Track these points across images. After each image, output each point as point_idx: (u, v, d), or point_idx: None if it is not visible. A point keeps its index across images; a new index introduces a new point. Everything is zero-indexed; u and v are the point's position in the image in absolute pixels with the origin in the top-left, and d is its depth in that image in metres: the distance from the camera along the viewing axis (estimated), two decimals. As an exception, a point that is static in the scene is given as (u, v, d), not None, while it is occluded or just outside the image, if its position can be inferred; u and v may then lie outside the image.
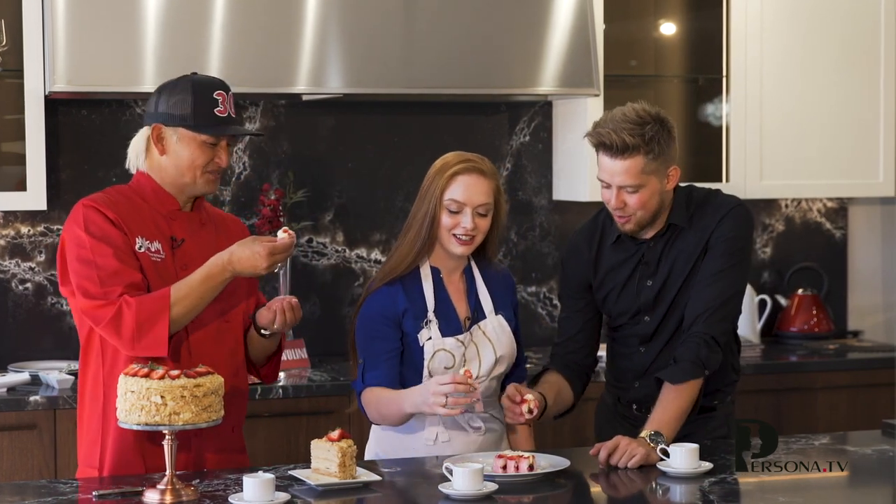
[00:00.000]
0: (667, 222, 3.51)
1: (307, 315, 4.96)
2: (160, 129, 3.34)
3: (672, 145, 3.43)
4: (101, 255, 3.24)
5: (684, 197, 3.53)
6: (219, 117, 3.34)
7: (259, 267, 3.23)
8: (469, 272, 3.53)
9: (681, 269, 3.50)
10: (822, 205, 5.59)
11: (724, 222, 3.48)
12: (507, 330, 3.52)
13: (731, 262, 3.46)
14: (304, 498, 3.01)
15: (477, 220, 3.41)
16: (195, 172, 3.34)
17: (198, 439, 3.33)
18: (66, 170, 4.74)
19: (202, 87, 3.34)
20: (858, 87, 5.27)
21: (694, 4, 5.31)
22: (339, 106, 4.98)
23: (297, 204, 4.91)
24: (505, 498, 3.03)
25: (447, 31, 4.67)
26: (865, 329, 5.61)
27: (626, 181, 3.39)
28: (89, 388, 3.34)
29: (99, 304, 3.22)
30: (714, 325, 3.43)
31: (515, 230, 5.22)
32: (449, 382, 3.21)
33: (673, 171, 3.45)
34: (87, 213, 3.30)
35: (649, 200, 3.43)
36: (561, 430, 4.61)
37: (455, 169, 3.42)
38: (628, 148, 3.36)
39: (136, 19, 4.38)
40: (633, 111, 3.40)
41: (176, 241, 3.36)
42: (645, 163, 3.38)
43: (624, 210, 3.44)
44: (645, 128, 3.37)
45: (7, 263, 4.71)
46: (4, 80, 4.56)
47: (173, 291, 3.22)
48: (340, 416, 4.38)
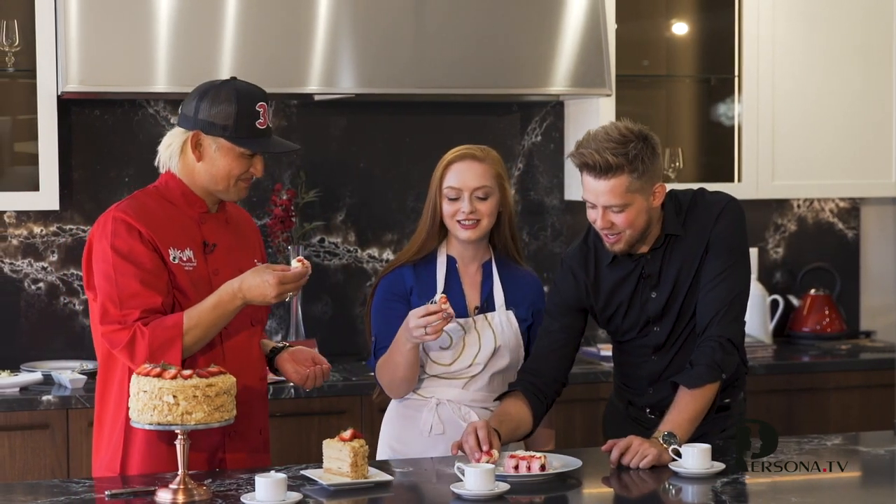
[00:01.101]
0: (663, 233, 3.47)
1: (320, 315, 4.97)
2: (199, 135, 3.32)
3: (657, 162, 3.38)
4: (123, 275, 3.24)
5: (673, 205, 3.49)
6: (259, 130, 3.33)
7: (268, 296, 3.23)
8: (488, 266, 3.59)
9: (686, 275, 3.46)
10: (834, 205, 5.58)
11: (720, 221, 3.46)
12: (514, 326, 3.55)
13: (732, 260, 3.44)
14: (316, 498, 3.02)
15: (476, 203, 3.49)
16: (229, 181, 3.34)
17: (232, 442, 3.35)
18: (78, 170, 4.75)
19: (246, 97, 3.33)
20: (871, 87, 5.26)
21: (706, 4, 5.30)
22: (351, 106, 4.98)
23: (309, 204, 4.91)
24: (517, 498, 3.03)
25: (459, 31, 4.67)
26: (878, 329, 5.60)
27: (612, 201, 3.34)
28: (115, 392, 3.34)
29: (115, 329, 3.22)
30: (727, 326, 3.41)
31: (527, 230, 5.21)
32: (423, 315, 3.29)
33: (658, 189, 3.40)
34: (116, 226, 3.27)
35: (636, 219, 3.38)
36: (572, 431, 4.61)
37: (450, 158, 3.55)
38: (612, 168, 3.31)
39: (148, 19, 4.39)
40: (616, 130, 3.36)
41: (208, 245, 3.36)
42: (630, 182, 3.32)
43: (612, 230, 3.39)
44: (628, 146, 3.32)
45: (20, 263, 4.72)
46: (17, 81, 4.57)
47: (186, 319, 3.23)
48: (352, 415, 4.38)
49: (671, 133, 5.35)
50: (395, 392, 3.54)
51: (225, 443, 3.35)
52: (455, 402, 3.52)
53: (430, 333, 3.30)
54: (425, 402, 3.53)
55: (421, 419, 3.52)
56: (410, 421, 3.54)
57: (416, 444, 3.52)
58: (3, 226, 4.70)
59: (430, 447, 3.50)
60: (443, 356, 3.50)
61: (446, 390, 3.52)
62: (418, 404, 3.54)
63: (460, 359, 3.50)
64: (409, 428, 3.54)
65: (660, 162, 3.41)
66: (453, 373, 3.51)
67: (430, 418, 3.51)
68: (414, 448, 3.52)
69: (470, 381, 3.52)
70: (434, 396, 3.52)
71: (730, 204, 3.49)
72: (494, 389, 3.54)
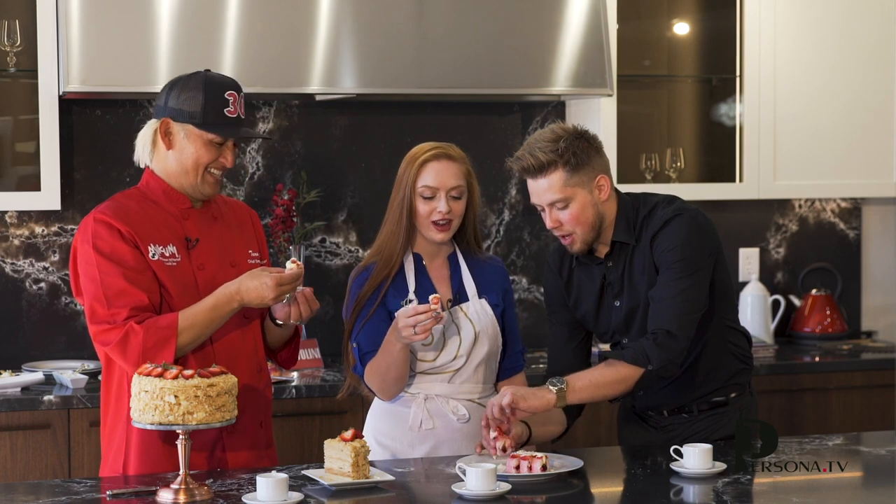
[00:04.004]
0: (611, 240, 3.48)
1: (320, 315, 4.97)
2: (168, 123, 3.35)
3: (593, 156, 3.40)
4: (108, 274, 3.25)
5: (628, 211, 3.47)
6: (228, 117, 3.35)
7: (266, 298, 3.26)
8: (454, 259, 3.60)
9: (644, 287, 3.45)
10: (835, 205, 5.58)
11: (659, 238, 3.42)
12: (489, 313, 3.56)
13: (679, 275, 3.37)
14: (318, 497, 3.02)
15: (451, 203, 3.49)
16: (198, 171, 3.35)
17: (230, 438, 3.35)
18: (80, 170, 4.75)
19: (214, 85, 3.35)
20: (872, 87, 5.26)
21: (707, 4, 5.30)
22: (353, 106, 4.98)
23: (311, 204, 4.91)
24: (518, 498, 3.03)
25: (460, 31, 4.68)
26: (879, 329, 5.60)
27: (552, 197, 3.38)
28: (114, 391, 3.35)
29: (106, 328, 3.24)
30: (667, 319, 3.36)
31: (528, 230, 5.21)
32: (412, 315, 3.30)
33: (602, 181, 3.41)
34: (97, 227, 3.29)
35: (582, 214, 3.40)
36: (573, 431, 4.60)
37: (424, 157, 3.51)
38: (544, 165, 3.36)
39: (149, 19, 4.39)
40: (550, 130, 3.42)
41: (191, 241, 3.37)
42: (565, 176, 3.37)
43: (562, 229, 3.42)
44: (559, 143, 3.36)
45: (21, 263, 4.72)
46: (19, 81, 4.57)
47: (181, 319, 3.24)
48: (354, 415, 4.38)
49: (672, 133, 5.35)
50: (387, 394, 3.52)
51: (223, 439, 3.35)
52: (443, 396, 3.52)
53: (419, 333, 3.31)
54: (413, 398, 3.53)
55: (410, 415, 3.52)
56: (398, 416, 3.54)
57: (404, 438, 3.52)
58: (4, 226, 4.70)
59: (417, 442, 3.51)
60: (426, 353, 3.52)
61: (433, 385, 3.52)
62: (406, 400, 3.54)
63: (443, 353, 3.51)
64: (397, 423, 3.54)
65: (599, 156, 3.42)
66: (438, 367, 3.52)
67: (420, 413, 3.51)
68: (403, 443, 3.52)
69: (455, 375, 3.53)
70: (421, 392, 3.53)
71: (675, 220, 3.42)
72: (479, 380, 3.56)
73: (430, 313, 3.30)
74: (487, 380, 3.58)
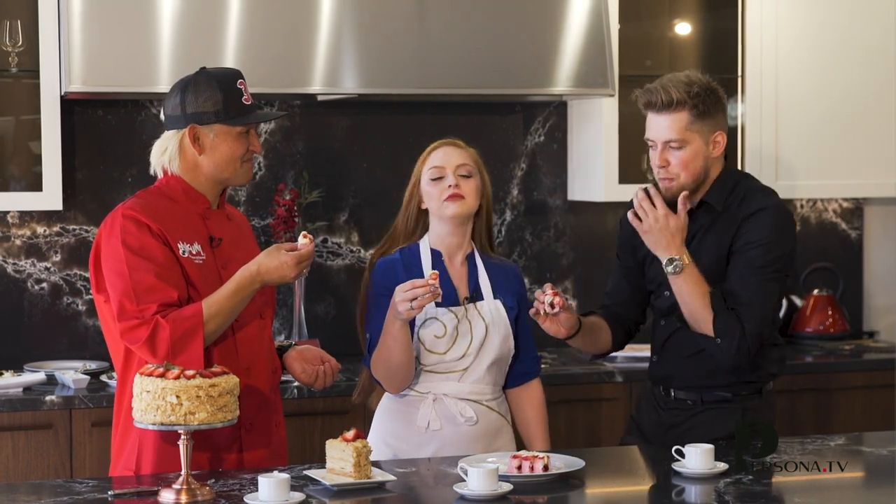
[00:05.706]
0: (700, 200, 3.52)
1: (322, 315, 4.97)
2: (195, 129, 3.34)
3: (719, 111, 3.49)
4: (137, 270, 3.24)
5: (728, 180, 3.54)
6: (246, 105, 3.38)
7: (288, 276, 3.28)
8: (472, 259, 3.61)
9: (710, 256, 3.51)
10: (837, 205, 5.57)
11: (750, 223, 3.48)
12: (503, 314, 3.58)
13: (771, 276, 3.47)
14: (320, 498, 3.02)
15: (460, 180, 3.54)
16: (235, 164, 3.37)
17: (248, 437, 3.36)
18: (81, 170, 4.75)
19: (225, 79, 3.37)
20: (874, 87, 5.26)
21: (709, 4, 5.30)
22: (354, 106, 4.98)
23: (312, 204, 4.91)
24: (520, 498, 3.03)
25: (462, 31, 4.68)
26: (881, 329, 5.60)
27: (671, 135, 3.45)
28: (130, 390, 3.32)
29: (134, 324, 3.22)
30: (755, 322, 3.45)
31: (530, 231, 5.21)
32: (409, 289, 3.33)
33: (719, 137, 3.50)
34: (126, 223, 3.28)
35: (692, 161, 3.47)
36: (574, 431, 4.60)
37: (432, 146, 3.65)
38: (673, 102, 3.44)
39: (151, 19, 4.39)
40: (685, 75, 3.52)
41: (215, 240, 3.37)
42: (690, 119, 3.45)
43: (668, 170, 3.48)
44: (692, 87, 3.46)
45: (23, 263, 4.72)
46: (20, 81, 4.57)
47: (205, 308, 3.24)
48: (356, 416, 4.38)
49: (674, 133, 5.34)
50: (394, 384, 3.52)
51: (241, 438, 3.35)
52: (452, 397, 3.52)
53: (415, 308, 3.33)
54: (422, 398, 3.53)
55: (418, 415, 3.52)
56: (406, 416, 3.54)
57: (412, 439, 3.52)
58: (6, 226, 4.71)
59: (425, 443, 3.51)
60: (437, 345, 3.51)
61: (442, 384, 3.52)
62: (415, 400, 3.54)
63: (454, 348, 3.51)
64: (405, 423, 3.54)
65: (723, 114, 3.52)
66: (448, 363, 3.51)
67: (428, 413, 3.51)
68: (410, 443, 3.52)
69: (465, 374, 3.53)
70: (430, 392, 3.53)
71: (765, 211, 3.49)
72: (489, 381, 3.56)
73: (427, 287, 3.31)
74: (497, 382, 3.58)
